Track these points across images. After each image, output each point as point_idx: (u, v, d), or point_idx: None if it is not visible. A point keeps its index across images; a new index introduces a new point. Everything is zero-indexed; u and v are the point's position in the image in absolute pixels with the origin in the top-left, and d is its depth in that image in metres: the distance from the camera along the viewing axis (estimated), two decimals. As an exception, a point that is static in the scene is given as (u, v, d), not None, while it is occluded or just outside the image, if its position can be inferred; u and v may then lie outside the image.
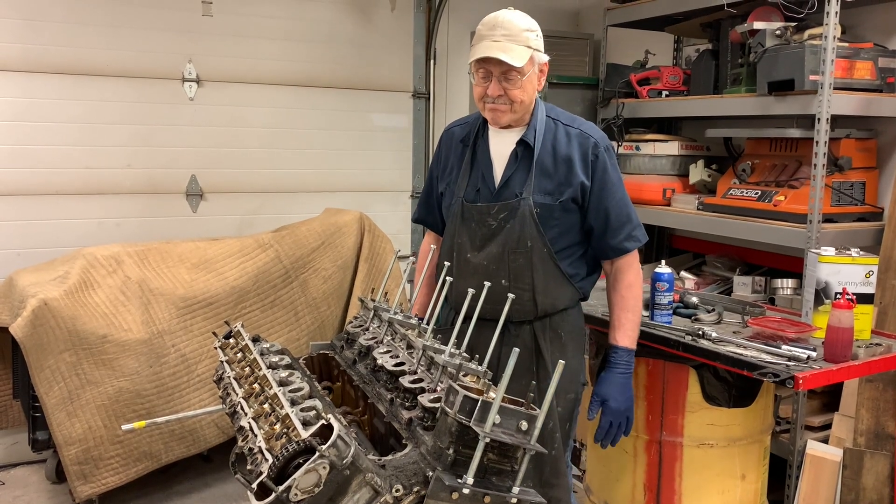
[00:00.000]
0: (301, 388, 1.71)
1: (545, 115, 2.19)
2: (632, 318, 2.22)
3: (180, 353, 3.38)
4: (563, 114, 2.23)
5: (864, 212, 3.13)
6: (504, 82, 2.06)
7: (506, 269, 2.14)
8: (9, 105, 3.69)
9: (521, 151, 2.16)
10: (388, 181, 4.68)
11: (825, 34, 2.85)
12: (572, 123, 2.20)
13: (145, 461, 3.29)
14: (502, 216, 2.14)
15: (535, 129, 2.15)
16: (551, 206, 2.13)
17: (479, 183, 2.20)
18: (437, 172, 2.36)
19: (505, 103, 2.09)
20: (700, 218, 3.45)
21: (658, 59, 4.16)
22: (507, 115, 2.12)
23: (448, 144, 2.34)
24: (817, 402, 3.23)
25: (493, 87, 2.07)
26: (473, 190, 2.20)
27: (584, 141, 2.15)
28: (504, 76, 2.05)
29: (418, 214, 2.50)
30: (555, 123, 2.18)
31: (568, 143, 2.15)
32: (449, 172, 2.30)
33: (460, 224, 2.21)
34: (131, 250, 3.49)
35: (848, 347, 2.22)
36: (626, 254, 2.21)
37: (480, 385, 1.63)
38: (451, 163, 2.30)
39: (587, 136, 2.16)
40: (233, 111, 4.20)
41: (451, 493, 1.37)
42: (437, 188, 2.35)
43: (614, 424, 2.23)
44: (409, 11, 4.63)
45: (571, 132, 2.17)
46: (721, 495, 2.46)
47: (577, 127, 2.18)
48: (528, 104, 2.14)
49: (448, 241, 2.27)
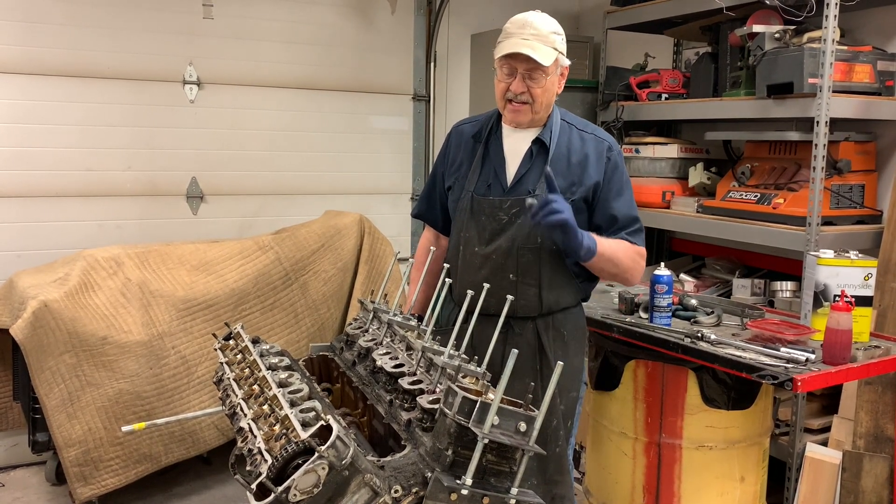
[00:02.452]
0: (300, 390, 1.71)
1: (560, 118, 2.26)
2: (619, 254, 2.16)
3: (180, 355, 3.38)
4: (576, 119, 2.30)
5: (863, 214, 3.14)
6: (528, 80, 2.11)
7: (514, 263, 2.17)
8: (9, 107, 3.70)
9: (536, 150, 2.20)
10: (388, 184, 4.68)
11: (824, 37, 2.86)
12: (585, 128, 2.27)
13: (145, 463, 3.29)
14: (514, 211, 2.17)
15: (552, 129, 2.21)
16: None
17: (491, 178, 2.23)
18: (442, 169, 2.39)
19: (526, 101, 2.14)
20: (699, 220, 3.45)
21: (658, 62, 4.17)
22: (527, 115, 2.17)
23: (457, 141, 2.37)
24: (816, 405, 3.24)
25: (517, 84, 2.12)
26: (484, 185, 2.23)
27: (599, 144, 2.23)
28: (529, 74, 2.11)
29: (418, 209, 2.52)
30: (569, 127, 2.26)
31: (582, 145, 2.22)
32: (457, 168, 2.32)
33: (468, 218, 2.23)
34: (132, 252, 3.50)
35: (847, 350, 2.22)
36: None
37: (479, 386, 1.63)
38: (459, 158, 2.33)
39: (601, 139, 2.25)
40: (233, 113, 4.21)
41: (450, 494, 1.37)
42: (441, 184, 2.38)
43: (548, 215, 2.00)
44: (410, 14, 4.64)
45: (585, 136, 2.25)
46: (720, 497, 2.46)
47: (590, 132, 2.26)
48: (548, 106, 2.20)
49: (455, 235, 2.29)
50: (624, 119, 3.93)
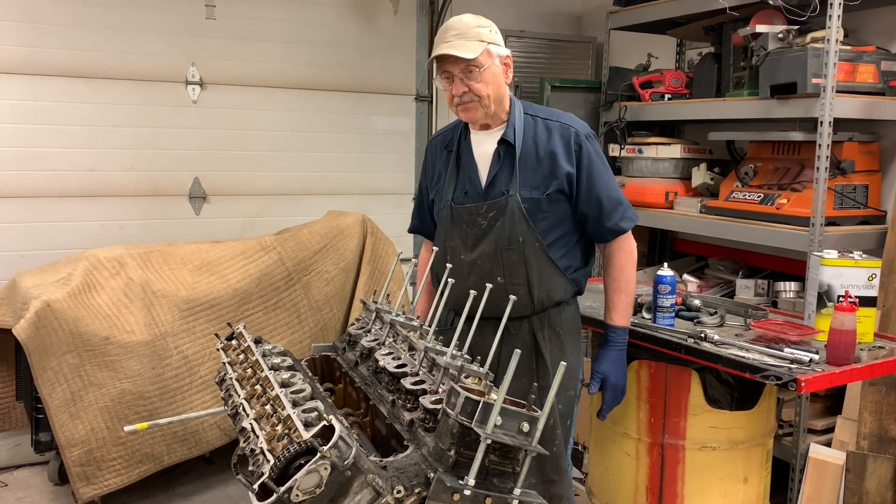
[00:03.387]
0: (303, 390, 1.71)
1: (523, 112, 2.23)
2: (624, 299, 2.28)
3: (183, 355, 3.38)
4: (541, 109, 2.27)
5: (867, 215, 3.13)
6: (466, 79, 2.11)
7: (500, 266, 2.17)
8: (13, 107, 3.71)
9: (504, 150, 2.20)
10: (390, 184, 4.69)
11: (828, 37, 2.85)
12: (551, 117, 2.23)
13: (148, 463, 3.30)
14: (491, 215, 2.17)
15: (514, 126, 2.19)
16: (538, 199, 2.16)
17: (467, 185, 2.24)
18: (426, 183, 2.43)
19: (472, 100, 2.14)
20: (703, 221, 3.45)
21: (660, 63, 4.16)
22: (478, 111, 2.16)
23: (433, 154, 2.40)
24: (820, 406, 3.23)
25: (457, 86, 2.13)
26: (461, 192, 2.25)
27: (566, 132, 2.19)
28: (464, 73, 2.11)
29: (412, 225, 2.56)
30: (533, 119, 2.22)
31: (549, 136, 2.19)
32: (437, 180, 2.35)
33: (451, 226, 2.25)
34: (134, 252, 3.50)
35: (850, 350, 2.21)
36: (622, 234, 2.25)
37: (482, 386, 1.62)
38: (437, 170, 2.36)
39: (567, 126, 2.20)
40: (236, 114, 4.21)
41: (453, 495, 1.36)
42: (427, 198, 2.42)
43: (616, 398, 2.32)
44: (412, 15, 4.64)
45: (551, 125, 2.21)
46: (723, 498, 2.45)
47: (555, 119, 2.22)
48: (498, 98, 2.17)
49: (441, 244, 2.30)
50: (627, 119, 3.93)
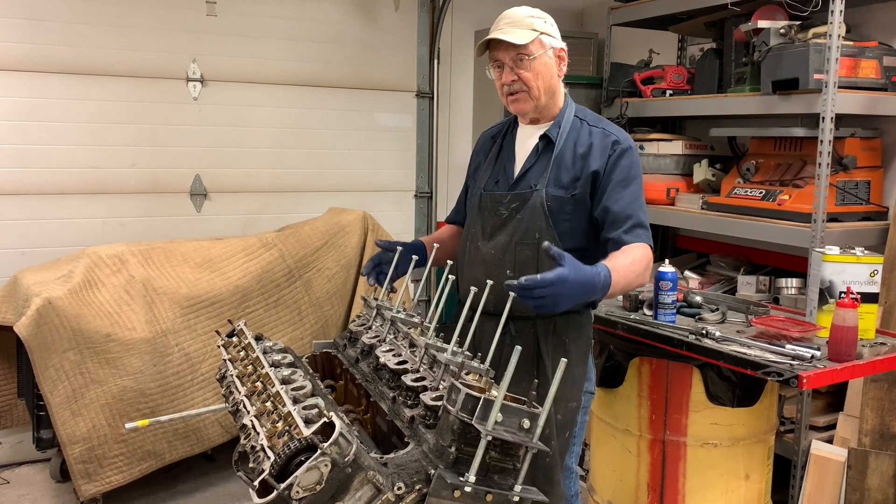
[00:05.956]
0: (303, 387, 1.70)
1: (573, 114, 2.21)
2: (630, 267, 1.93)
3: (184, 352, 3.38)
4: (591, 115, 2.23)
5: (869, 211, 3.12)
6: (516, 68, 2.10)
7: (511, 259, 2.14)
8: (14, 105, 3.70)
9: (543, 145, 2.18)
10: (391, 181, 4.68)
11: (830, 33, 2.84)
12: (598, 124, 2.19)
13: (149, 460, 3.30)
14: (514, 206, 2.15)
15: (560, 124, 2.17)
16: (563, 198, 2.11)
17: (500, 175, 2.23)
18: (469, 173, 2.41)
19: (521, 89, 2.12)
20: (704, 217, 3.44)
21: (662, 59, 4.15)
22: (528, 102, 2.14)
23: (480, 146, 2.39)
24: (822, 402, 3.22)
25: (506, 74, 2.12)
26: (493, 181, 2.24)
27: (605, 138, 2.15)
28: (514, 62, 2.10)
29: (449, 216, 2.53)
30: (581, 122, 2.19)
31: (589, 140, 2.15)
32: (476, 169, 2.35)
33: (476, 213, 2.24)
34: (135, 249, 3.50)
35: (852, 347, 2.21)
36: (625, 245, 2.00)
37: (483, 383, 1.62)
38: (479, 160, 2.35)
39: (608, 133, 2.16)
40: (237, 111, 4.20)
41: (453, 491, 1.36)
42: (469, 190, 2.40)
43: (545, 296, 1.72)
44: (414, 11, 4.63)
45: (595, 131, 2.17)
46: (725, 495, 2.45)
47: (601, 127, 2.18)
48: (549, 90, 2.14)
49: (465, 231, 2.30)
50: (628, 115, 3.92)
